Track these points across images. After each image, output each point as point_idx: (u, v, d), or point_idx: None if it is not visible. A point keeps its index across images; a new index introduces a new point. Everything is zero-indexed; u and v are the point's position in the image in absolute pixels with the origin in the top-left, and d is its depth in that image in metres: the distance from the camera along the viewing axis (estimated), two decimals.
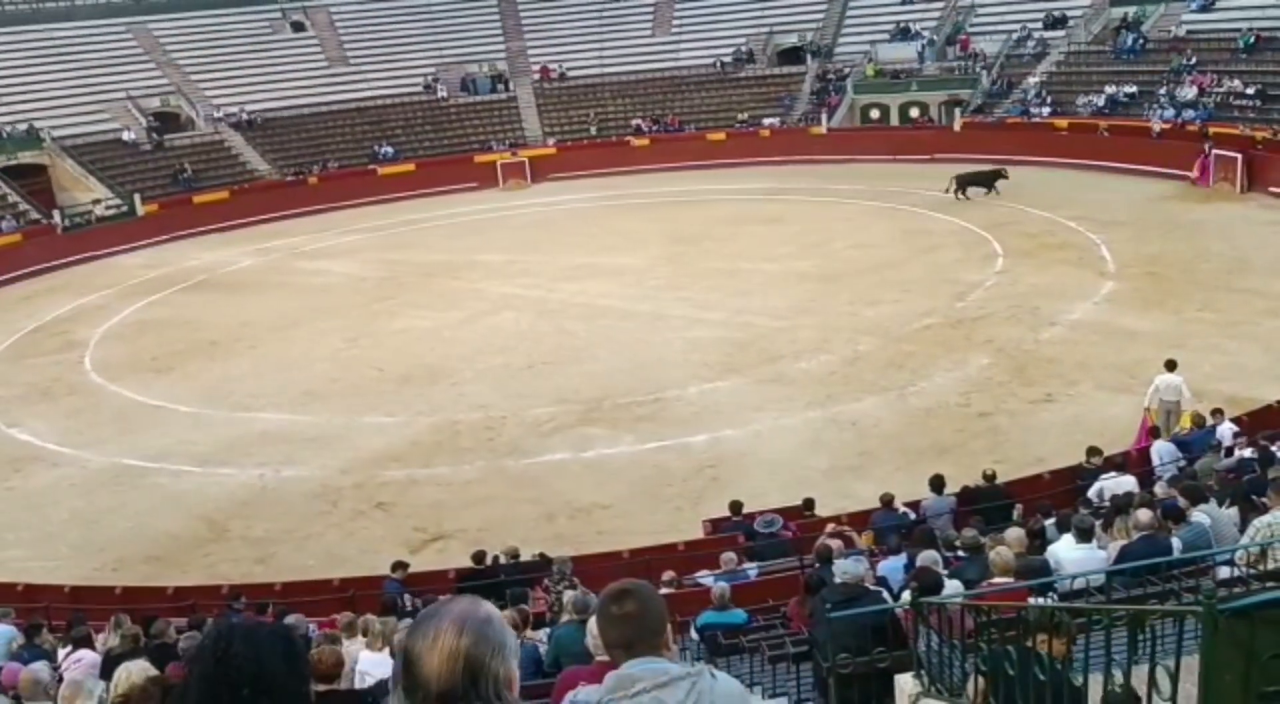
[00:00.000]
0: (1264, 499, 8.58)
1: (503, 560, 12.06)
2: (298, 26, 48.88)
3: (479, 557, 12.10)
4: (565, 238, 31.75)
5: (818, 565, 9.70)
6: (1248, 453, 11.93)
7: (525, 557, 12.22)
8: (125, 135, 41.02)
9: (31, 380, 22.93)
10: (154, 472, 17.51)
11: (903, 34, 44.35)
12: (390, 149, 43.06)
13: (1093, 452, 13.10)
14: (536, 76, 47.55)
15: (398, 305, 26.02)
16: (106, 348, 24.87)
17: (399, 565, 11.86)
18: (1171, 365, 15.20)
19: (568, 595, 8.64)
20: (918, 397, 17.58)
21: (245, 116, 43.33)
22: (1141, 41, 37.97)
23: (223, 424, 19.25)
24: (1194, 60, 35.48)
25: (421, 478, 16.46)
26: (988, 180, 31.45)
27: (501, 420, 18.25)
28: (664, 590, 10.81)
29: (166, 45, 46.17)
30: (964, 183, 31.46)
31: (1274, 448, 11.50)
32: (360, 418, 18.91)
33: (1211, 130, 31.93)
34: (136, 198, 37.50)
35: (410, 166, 41.84)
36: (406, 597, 10.99)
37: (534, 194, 39.39)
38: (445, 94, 46.39)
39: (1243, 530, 8.30)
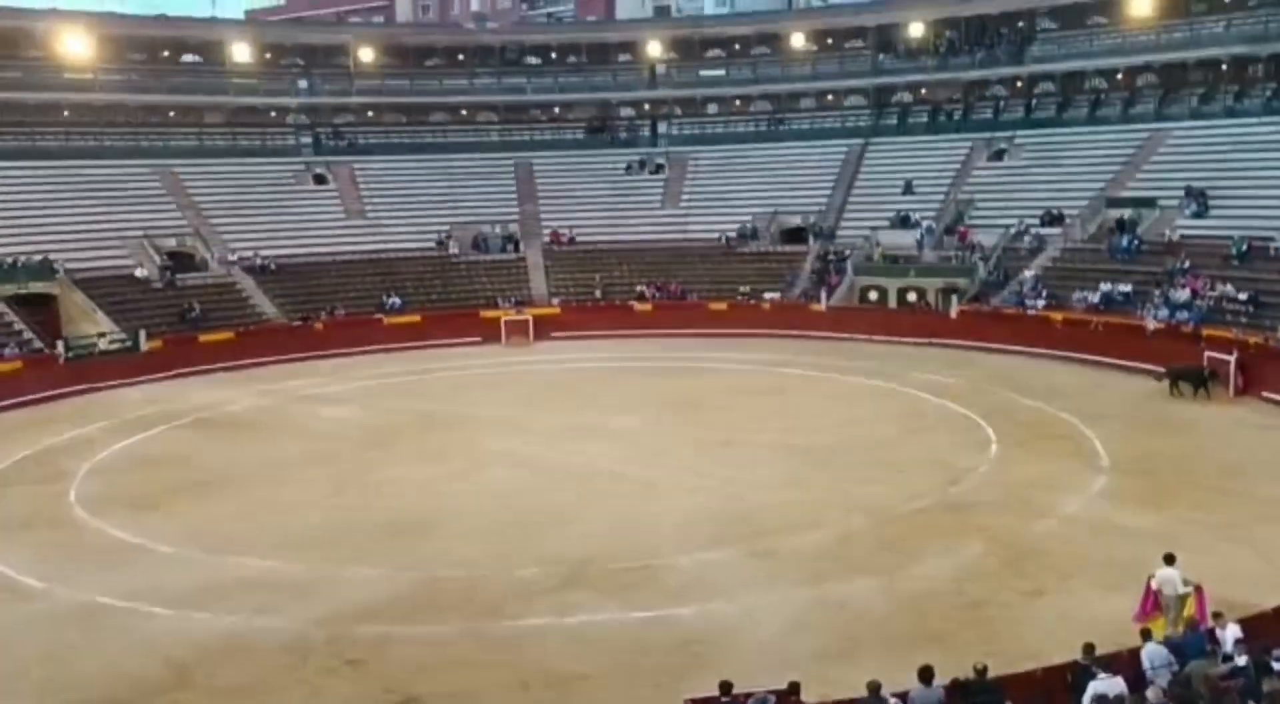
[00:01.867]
0: None
1: None
2: (320, 179, 50.50)
3: None
4: (564, 397, 31.93)
5: None
6: (1241, 661, 11.68)
7: None
8: (138, 272, 41.77)
9: (13, 510, 22.62)
10: (126, 611, 17.08)
11: (903, 222, 45.78)
12: (398, 299, 43.79)
13: (1088, 648, 12.82)
14: (547, 239, 48.81)
15: (391, 455, 25.94)
16: (94, 481, 24.63)
17: None
18: (1170, 559, 15.09)
19: None
20: (909, 581, 17.32)
21: (260, 261, 44.24)
22: (1137, 243, 39.13)
23: (201, 566, 18.90)
24: (1187, 264, 36.47)
25: (397, 635, 16.04)
26: (1199, 380, 29.30)
27: (484, 580, 17.93)
28: None
29: (189, 188, 47.55)
30: (1176, 376, 29.60)
31: (1270, 658, 11.26)
32: (341, 569, 18.57)
33: (1205, 333, 32.54)
34: (141, 333, 37.83)
35: (416, 318, 42.45)
36: None
37: (536, 352, 39.85)
38: (457, 251, 47.54)
39: None
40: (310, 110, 53.17)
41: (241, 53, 50.65)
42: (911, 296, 42.96)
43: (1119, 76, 47.68)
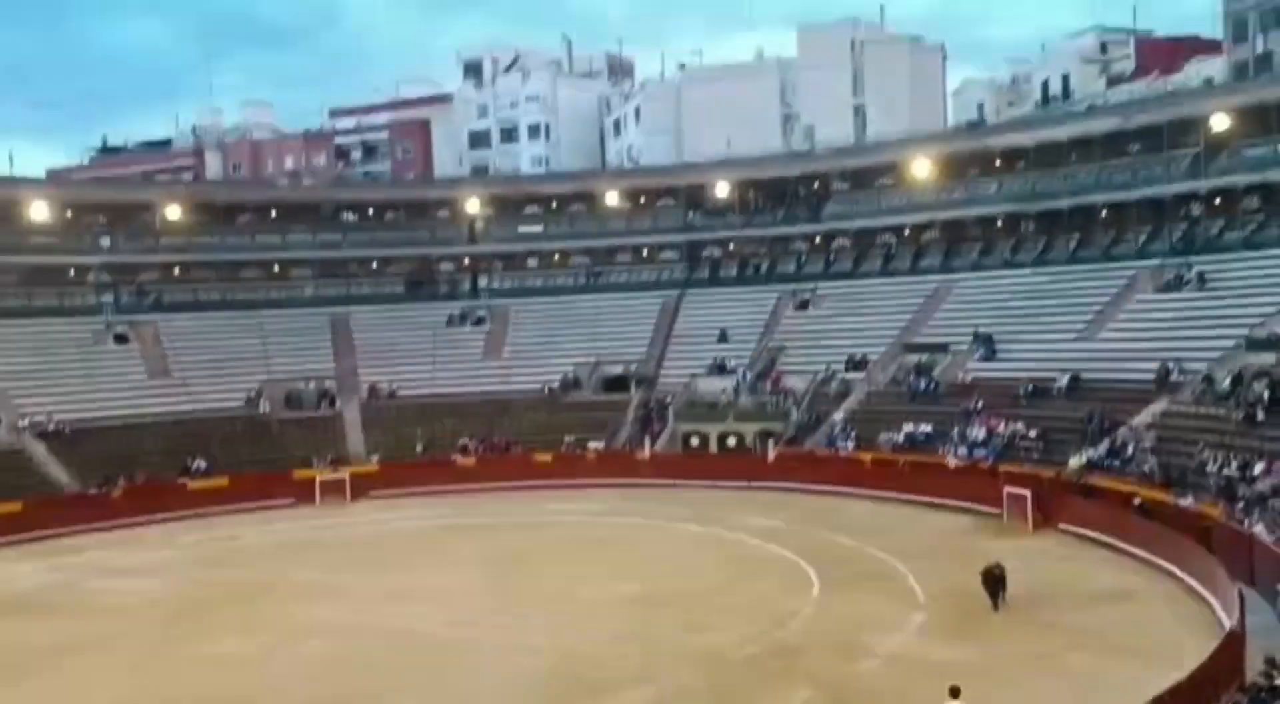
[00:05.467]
0: None
1: None
2: (121, 338, 48.44)
3: None
4: (383, 559, 30.80)
5: None
6: None
7: None
8: None
9: None
10: None
11: (719, 369, 47.30)
12: (203, 463, 41.70)
13: None
14: (365, 394, 47.87)
15: (196, 630, 24.20)
16: None
17: None
18: (955, 692, 15.68)
19: None
20: None
21: (52, 426, 41.58)
22: (934, 385, 41.53)
23: None
24: (981, 404, 38.82)
25: None
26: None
27: None
28: None
29: None
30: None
31: None
32: None
33: (1002, 469, 34.45)
34: None
35: (223, 481, 40.40)
36: None
37: (354, 512, 38.50)
38: (268, 409, 45.96)
39: None
40: (113, 268, 51.31)
41: (41, 211, 48.66)
42: (731, 442, 44.04)
43: (906, 232, 51.44)
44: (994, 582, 22.73)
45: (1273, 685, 14.66)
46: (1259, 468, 27.82)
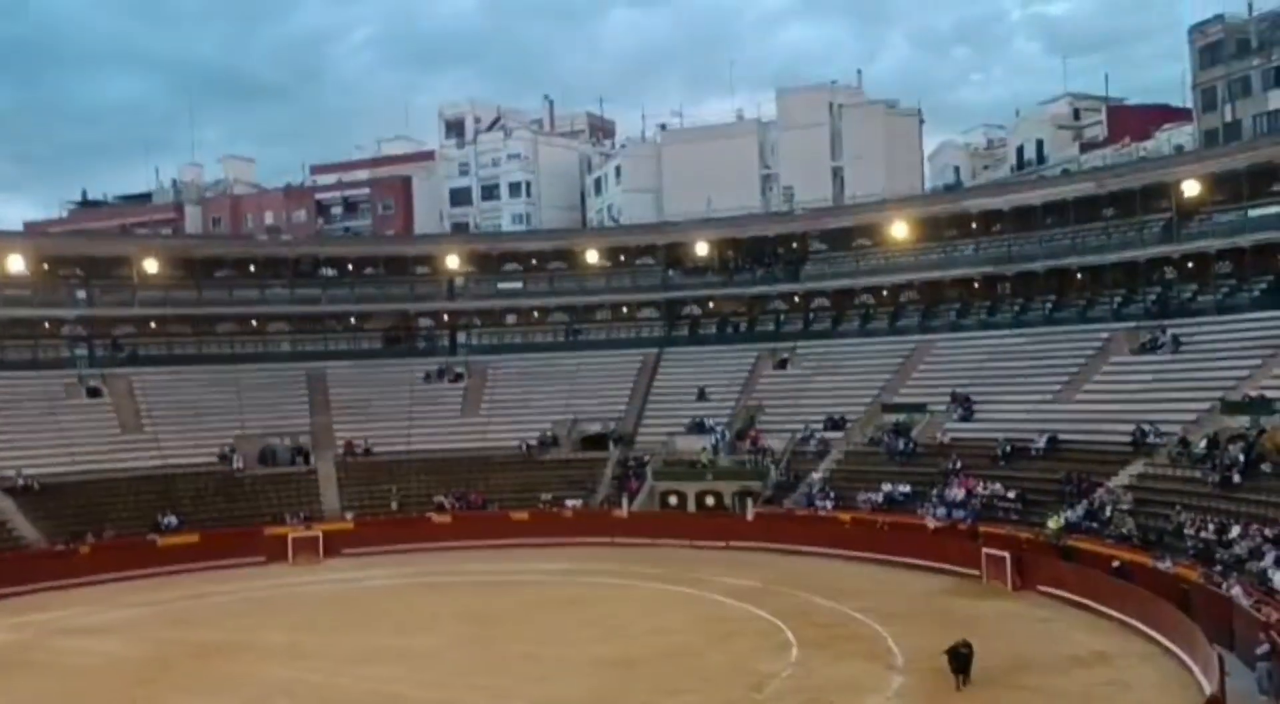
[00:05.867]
0: None
1: None
2: (94, 392, 47.91)
3: None
4: (355, 618, 30.29)
5: None
6: None
7: None
8: None
9: None
10: None
11: (698, 427, 47.17)
12: (174, 519, 41.07)
13: None
14: (340, 450, 47.41)
15: (159, 692, 23.63)
16: None
17: None
18: None
19: None
20: None
21: (21, 481, 40.89)
22: (912, 445, 41.51)
23: None
24: (959, 464, 38.78)
25: None
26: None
27: None
28: None
29: None
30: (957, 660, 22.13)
31: None
32: None
33: (981, 530, 34.32)
34: None
35: (194, 537, 39.75)
36: None
37: (327, 570, 37.92)
38: (241, 465, 45.43)
39: None
40: (88, 321, 50.88)
41: (17, 264, 48.30)
42: (709, 501, 43.77)
43: (885, 293, 51.78)
44: (960, 659, 21.72)
45: None
46: (1235, 531, 27.84)
